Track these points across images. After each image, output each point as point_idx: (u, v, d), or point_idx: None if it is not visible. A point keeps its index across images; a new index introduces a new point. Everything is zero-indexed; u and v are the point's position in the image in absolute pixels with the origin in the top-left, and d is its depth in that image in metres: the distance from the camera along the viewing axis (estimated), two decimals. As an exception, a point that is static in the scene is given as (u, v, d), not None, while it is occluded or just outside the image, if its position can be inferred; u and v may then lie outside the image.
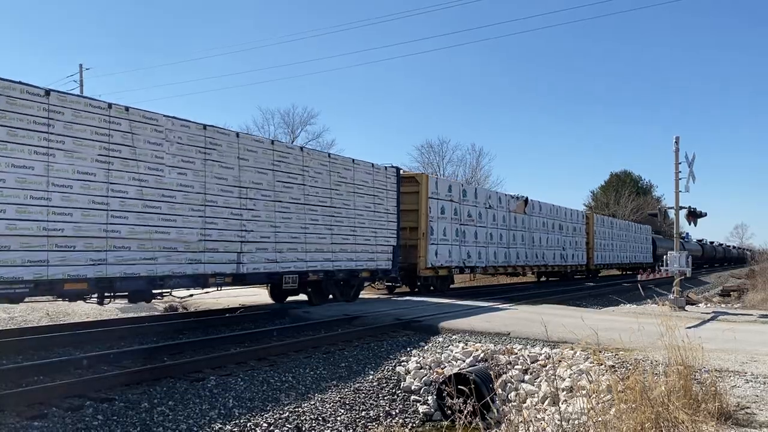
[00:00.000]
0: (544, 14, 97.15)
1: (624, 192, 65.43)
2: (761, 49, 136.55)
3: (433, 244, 18.88)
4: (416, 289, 19.11)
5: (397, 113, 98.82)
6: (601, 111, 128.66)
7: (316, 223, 13.67)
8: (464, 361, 9.48)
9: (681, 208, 16.52)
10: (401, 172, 17.79)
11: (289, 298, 15.19)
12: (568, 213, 31.15)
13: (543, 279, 32.14)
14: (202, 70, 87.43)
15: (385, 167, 16.37)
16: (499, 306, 15.65)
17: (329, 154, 14.68)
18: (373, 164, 16.05)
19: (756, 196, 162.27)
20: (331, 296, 14.86)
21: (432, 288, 19.44)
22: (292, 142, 44.67)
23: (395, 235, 16.38)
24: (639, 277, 31.64)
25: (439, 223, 19.36)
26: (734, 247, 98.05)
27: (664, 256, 16.77)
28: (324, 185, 14.02)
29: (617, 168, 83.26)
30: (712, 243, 73.73)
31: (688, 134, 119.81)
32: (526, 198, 26.27)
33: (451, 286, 21.60)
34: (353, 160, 15.28)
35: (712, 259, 69.25)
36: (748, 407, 6.39)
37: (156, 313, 13.69)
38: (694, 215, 17.26)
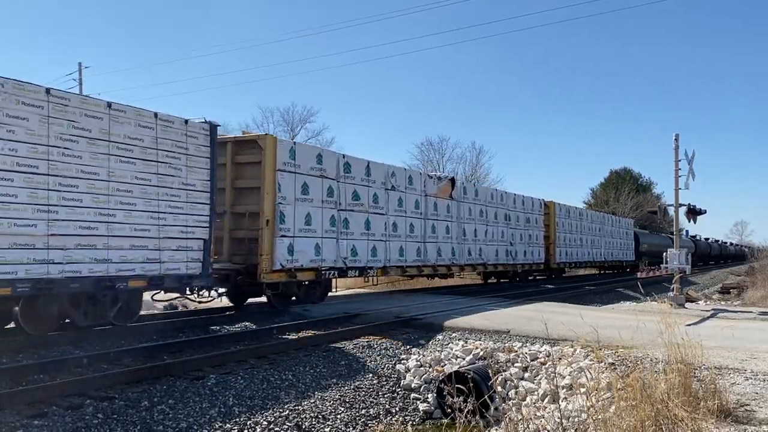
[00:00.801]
0: (544, 11, 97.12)
1: (624, 189, 65.36)
2: (761, 47, 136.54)
3: (285, 236, 12.93)
4: (268, 301, 13.45)
5: (398, 111, 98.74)
6: (601, 108, 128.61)
7: (11, 202, 8.29)
8: (464, 359, 9.48)
9: (681, 205, 16.55)
10: (231, 132, 12.91)
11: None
12: (518, 200, 25.04)
13: (492, 280, 26.71)
14: (202, 69, 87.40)
15: (186, 120, 10.74)
16: (499, 303, 15.65)
17: (48, 90, 8.84)
18: (156, 113, 10.27)
19: (756, 194, 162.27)
20: (67, 320, 9.63)
21: (295, 298, 13.92)
22: (292, 139, 44.51)
23: (206, 224, 10.93)
24: (639, 274, 31.66)
25: (299, 207, 13.36)
26: (731, 244, 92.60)
27: (664, 254, 16.78)
28: (32, 139, 8.57)
29: (617, 165, 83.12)
30: (707, 239, 68.89)
31: (688, 131, 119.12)
32: (452, 178, 20.95)
33: (331, 293, 15.80)
34: (109, 104, 9.60)
35: (707, 257, 63.98)
36: (747, 404, 6.40)
37: (156, 312, 13.69)
38: (693, 212, 17.29)
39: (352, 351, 10.08)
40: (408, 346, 10.53)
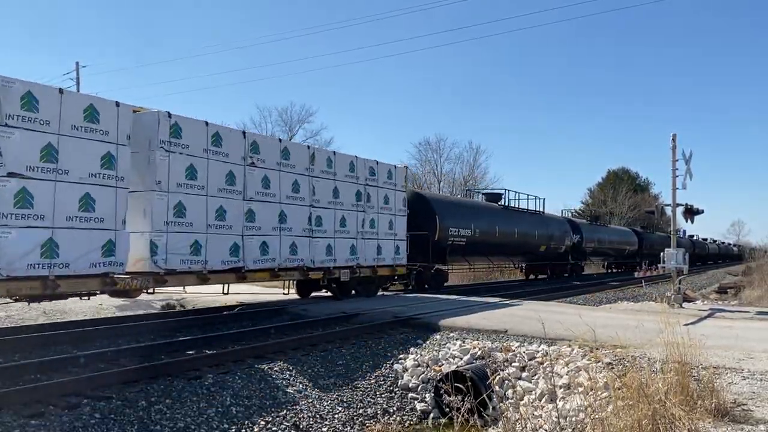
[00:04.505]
0: (542, 11, 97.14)
1: (621, 189, 65.46)
2: (759, 47, 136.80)
3: None
4: None
5: (396, 111, 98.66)
6: (598, 108, 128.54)
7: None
8: (462, 359, 9.48)
9: (678, 205, 16.55)
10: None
11: None
12: None
13: None
14: (199, 68, 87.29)
15: None
16: (497, 303, 15.66)
17: None
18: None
19: (753, 194, 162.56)
20: None
21: None
22: (290, 139, 44.55)
23: None
24: (636, 274, 31.60)
25: None
26: (714, 241, 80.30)
27: (662, 253, 16.75)
28: None
29: (615, 165, 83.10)
30: (676, 233, 57.70)
31: (686, 131, 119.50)
32: None
33: None
34: None
35: None
36: (744, 404, 6.41)
37: (153, 312, 13.68)
38: (691, 212, 17.28)
39: (349, 351, 10.07)
40: (406, 346, 10.53)
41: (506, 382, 8.78)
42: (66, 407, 6.31)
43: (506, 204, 27.25)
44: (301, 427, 7.23)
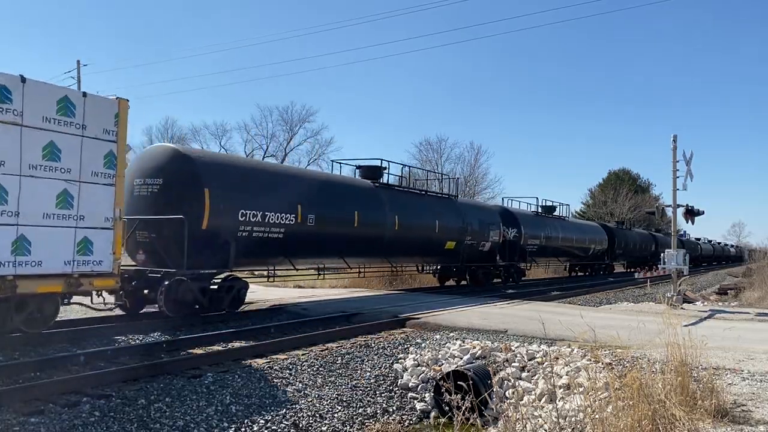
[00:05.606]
0: (542, 12, 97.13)
1: (622, 190, 65.41)
2: (760, 48, 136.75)
3: None
4: None
5: (397, 111, 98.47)
6: (600, 109, 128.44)
7: None
8: (462, 359, 9.48)
9: (678, 206, 16.56)
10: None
11: None
12: None
13: None
14: (200, 68, 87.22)
15: None
16: (496, 303, 15.65)
17: None
18: None
19: (754, 195, 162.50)
20: None
21: None
22: (291, 139, 44.51)
23: None
24: (636, 275, 31.58)
25: None
26: (709, 241, 73.36)
27: (662, 254, 16.74)
28: None
29: (616, 166, 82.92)
30: (657, 231, 48.33)
31: (687, 132, 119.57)
32: None
33: None
34: None
35: (648, 257, 38.70)
36: (744, 405, 6.41)
37: (153, 310, 13.67)
38: (691, 213, 17.30)
39: (349, 350, 10.07)
40: (405, 346, 10.53)
41: (506, 381, 8.78)
42: (66, 405, 6.31)
43: (385, 182, 18.40)
44: (300, 426, 7.22)
